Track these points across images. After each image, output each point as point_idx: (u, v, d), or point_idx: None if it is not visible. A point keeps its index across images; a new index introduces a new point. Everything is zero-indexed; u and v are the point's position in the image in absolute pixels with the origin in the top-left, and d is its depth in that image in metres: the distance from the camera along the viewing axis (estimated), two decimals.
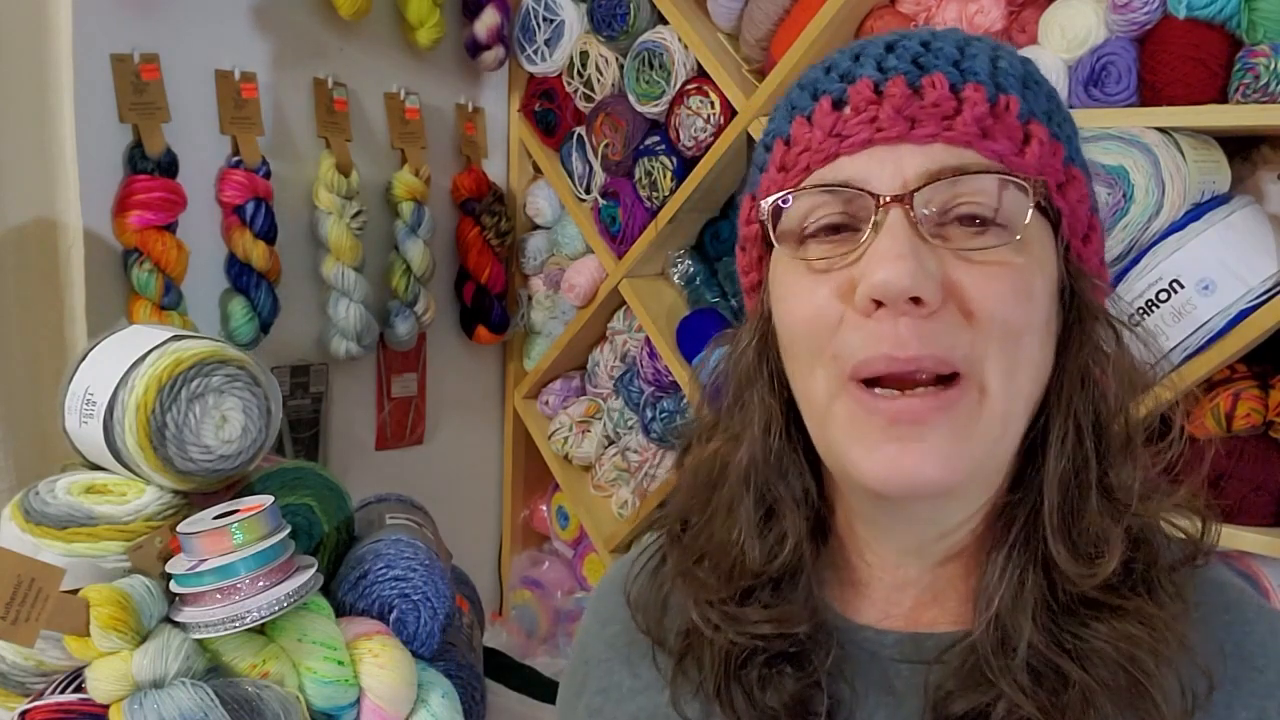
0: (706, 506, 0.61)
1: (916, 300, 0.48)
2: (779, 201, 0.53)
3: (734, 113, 1.56)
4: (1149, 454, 0.56)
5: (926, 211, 0.50)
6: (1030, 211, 0.50)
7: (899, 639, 0.57)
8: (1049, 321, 0.52)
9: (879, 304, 0.49)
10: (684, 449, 0.65)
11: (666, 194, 1.67)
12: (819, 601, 0.58)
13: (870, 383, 0.50)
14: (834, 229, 0.52)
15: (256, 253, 1.48)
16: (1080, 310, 0.54)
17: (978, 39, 0.54)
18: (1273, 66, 1.07)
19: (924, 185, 0.49)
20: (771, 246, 0.56)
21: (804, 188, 0.53)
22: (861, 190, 0.50)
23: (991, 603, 0.53)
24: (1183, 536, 0.56)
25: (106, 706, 0.81)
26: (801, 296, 0.53)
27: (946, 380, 0.49)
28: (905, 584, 0.58)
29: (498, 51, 1.83)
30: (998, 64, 0.53)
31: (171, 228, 1.37)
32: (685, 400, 1.72)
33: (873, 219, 0.50)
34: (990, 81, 0.51)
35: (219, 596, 0.85)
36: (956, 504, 0.54)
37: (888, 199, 0.49)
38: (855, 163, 0.51)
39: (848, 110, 0.52)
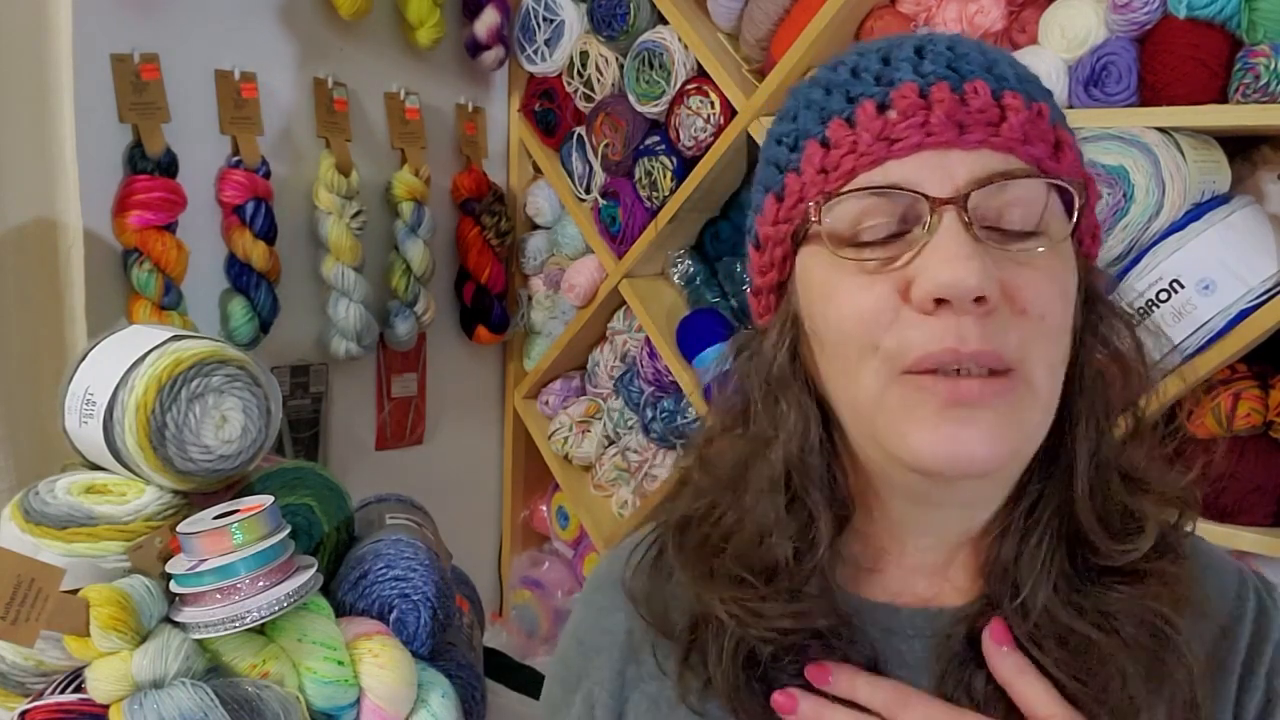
0: (722, 504, 0.62)
1: (979, 299, 0.49)
2: (824, 203, 0.54)
3: (734, 113, 1.56)
4: (1154, 439, 0.59)
5: (977, 214, 0.51)
6: (1076, 214, 0.53)
7: (913, 614, 0.59)
8: (1074, 317, 0.55)
9: (939, 302, 0.50)
10: (704, 444, 0.66)
11: (666, 194, 1.67)
12: (837, 585, 0.60)
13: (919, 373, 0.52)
14: (886, 238, 0.53)
15: (256, 253, 1.48)
16: (1096, 305, 0.57)
17: (990, 46, 0.57)
18: (1273, 66, 1.07)
19: (975, 189, 0.51)
20: (798, 247, 0.57)
21: (855, 190, 0.53)
22: (915, 192, 0.51)
23: (1009, 574, 0.56)
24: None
25: (106, 706, 0.81)
26: (852, 295, 0.53)
27: (997, 374, 0.51)
28: (921, 564, 0.60)
29: (498, 51, 1.83)
30: (1018, 71, 0.55)
31: (171, 228, 1.37)
32: (685, 400, 1.72)
33: (925, 220, 0.51)
34: (1022, 89, 0.54)
35: (219, 596, 0.85)
36: (995, 486, 0.57)
37: (942, 201, 0.51)
38: (904, 166, 0.52)
39: (893, 114, 0.53)
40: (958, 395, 0.50)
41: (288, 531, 0.91)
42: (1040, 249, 0.52)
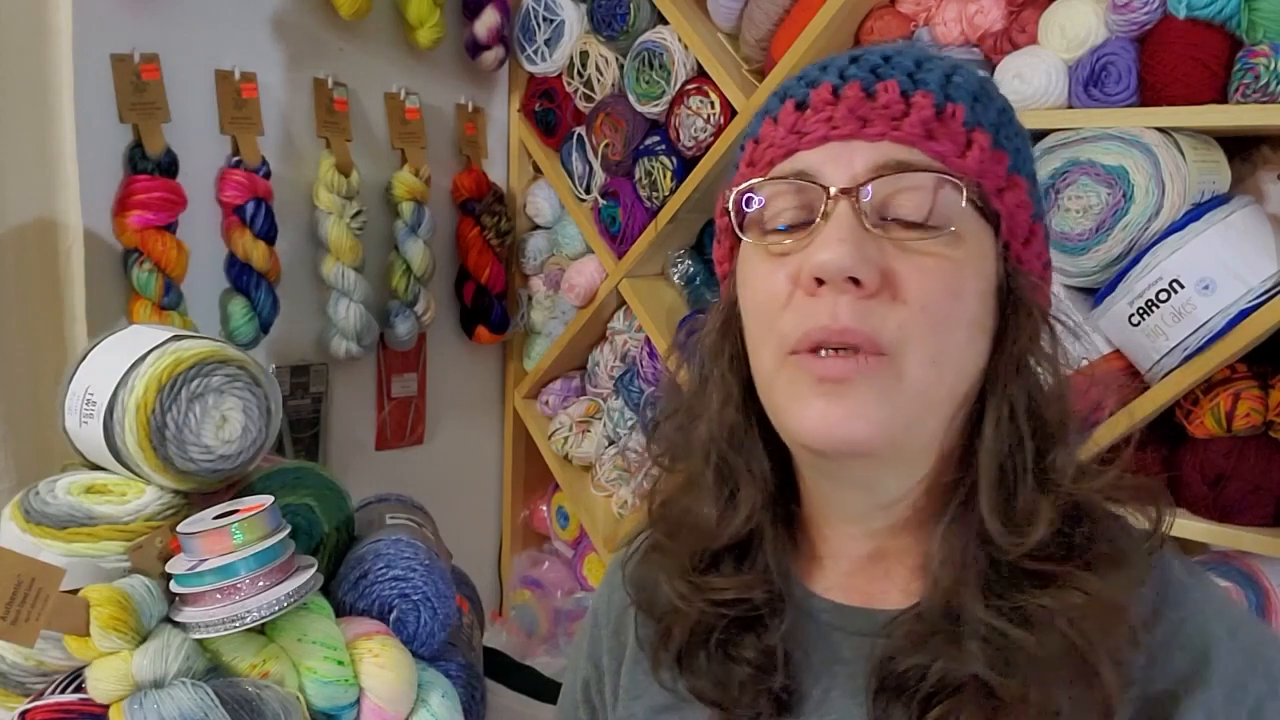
0: (676, 481, 0.67)
1: (856, 282, 0.53)
2: (743, 193, 0.59)
3: (734, 113, 1.56)
4: (1079, 443, 0.60)
5: (871, 203, 0.55)
6: (964, 208, 0.55)
7: (851, 612, 0.62)
8: (983, 316, 0.57)
9: (820, 283, 0.54)
10: (653, 428, 0.71)
11: (666, 194, 1.67)
12: (783, 573, 0.63)
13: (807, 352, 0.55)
14: (792, 226, 0.57)
15: (256, 253, 1.48)
16: (1016, 306, 0.58)
17: (940, 57, 0.60)
18: (1273, 66, 1.07)
19: (870, 179, 0.55)
20: (740, 237, 0.61)
21: (764, 179, 0.58)
22: (814, 182, 0.56)
23: (936, 574, 0.57)
24: (1146, 526, 0.59)
25: (106, 706, 0.81)
26: (761, 279, 0.58)
27: (868, 355, 0.54)
28: (858, 557, 0.63)
29: (498, 51, 1.83)
30: (951, 78, 0.58)
31: (171, 228, 1.37)
32: None
33: (822, 209, 0.55)
34: (940, 91, 0.57)
35: (219, 596, 0.85)
36: (889, 473, 0.59)
37: (836, 191, 0.55)
38: (811, 156, 0.57)
39: (808, 111, 0.58)
40: (824, 372, 0.54)
41: (288, 531, 0.91)
42: (929, 239, 0.54)
